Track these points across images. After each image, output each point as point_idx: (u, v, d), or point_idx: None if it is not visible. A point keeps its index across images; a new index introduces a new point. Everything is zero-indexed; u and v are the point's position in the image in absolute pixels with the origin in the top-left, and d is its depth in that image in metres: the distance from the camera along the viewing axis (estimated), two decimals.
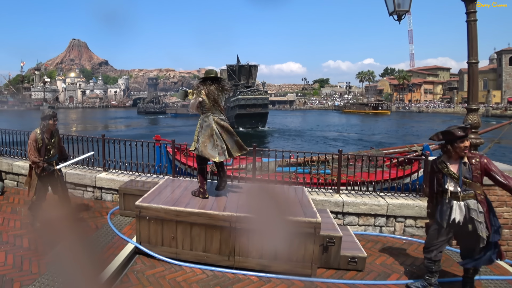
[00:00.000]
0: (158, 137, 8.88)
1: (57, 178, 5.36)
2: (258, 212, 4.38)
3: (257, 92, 50.69)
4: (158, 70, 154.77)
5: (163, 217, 4.45)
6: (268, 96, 54.26)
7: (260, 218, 4.27)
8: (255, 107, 49.52)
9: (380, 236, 5.66)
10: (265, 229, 4.24)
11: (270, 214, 4.37)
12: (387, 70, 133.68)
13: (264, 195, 5.24)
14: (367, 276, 4.36)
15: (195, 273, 4.24)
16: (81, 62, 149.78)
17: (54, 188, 5.38)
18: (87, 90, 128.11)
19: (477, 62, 5.39)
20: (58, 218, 5.43)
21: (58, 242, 4.74)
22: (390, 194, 6.08)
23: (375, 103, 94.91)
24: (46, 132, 5.19)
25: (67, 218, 5.48)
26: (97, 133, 7.72)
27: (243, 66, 54.02)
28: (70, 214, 5.56)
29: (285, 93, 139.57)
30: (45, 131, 5.18)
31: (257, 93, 50.68)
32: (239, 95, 49.07)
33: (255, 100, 49.36)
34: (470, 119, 5.41)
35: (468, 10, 5.24)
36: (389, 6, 5.95)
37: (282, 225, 4.25)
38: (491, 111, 74.22)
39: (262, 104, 50.41)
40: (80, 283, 3.84)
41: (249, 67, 54.46)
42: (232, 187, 5.57)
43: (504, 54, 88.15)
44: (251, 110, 48.81)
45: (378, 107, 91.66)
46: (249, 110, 48.62)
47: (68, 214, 5.52)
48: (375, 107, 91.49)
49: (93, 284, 3.87)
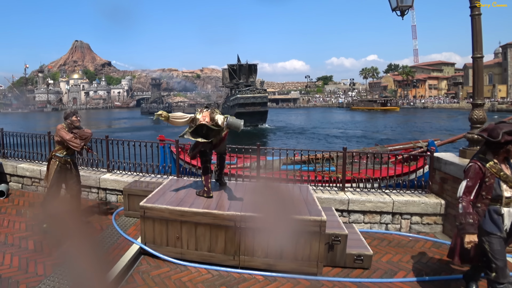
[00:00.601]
0: (162, 137, 8.89)
1: (73, 177, 5.45)
2: (263, 211, 4.36)
3: (256, 91, 50.80)
4: (161, 70, 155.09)
5: (167, 218, 4.44)
6: (267, 95, 54.45)
7: (265, 217, 4.25)
8: (254, 105, 49.81)
9: (386, 233, 5.62)
10: (270, 228, 4.22)
11: (275, 213, 4.34)
12: (391, 66, 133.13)
13: (269, 194, 5.21)
14: (374, 274, 4.32)
15: (201, 273, 4.22)
16: (84, 63, 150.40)
17: (68, 186, 5.48)
18: (91, 91, 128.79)
19: (482, 56, 5.33)
20: (64, 219, 5.45)
21: (63, 243, 4.75)
22: (396, 191, 6.03)
23: (383, 99, 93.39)
24: (72, 129, 5.28)
25: (73, 219, 5.50)
26: (101, 134, 7.72)
27: (242, 65, 54.99)
28: (76, 215, 5.57)
29: (288, 91, 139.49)
30: (71, 128, 5.26)
31: (256, 91, 50.78)
32: (238, 94, 49.28)
33: (254, 98, 49.49)
34: (475, 114, 5.35)
35: (472, 4, 5.18)
36: (391, 1, 5.91)
37: (287, 223, 4.23)
38: (497, 105, 73.70)
39: (261, 103, 50.74)
40: (86, 284, 3.85)
41: (248, 66, 55.44)
42: (237, 186, 5.55)
43: (509, 48, 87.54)
44: (250, 108, 49.08)
45: (386, 103, 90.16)
46: (248, 109, 48.88)
47: (74, 216, 5.54)
48: (383, 103, 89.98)
49: (99, 285, 3.87)
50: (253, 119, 48.02)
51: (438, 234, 5.56)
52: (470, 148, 5.40)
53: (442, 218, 5.61)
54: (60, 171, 5.34)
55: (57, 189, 5.41)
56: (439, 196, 5.73)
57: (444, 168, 5.57)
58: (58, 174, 5.33)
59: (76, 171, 5.55)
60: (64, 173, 5.38)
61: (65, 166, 5.36)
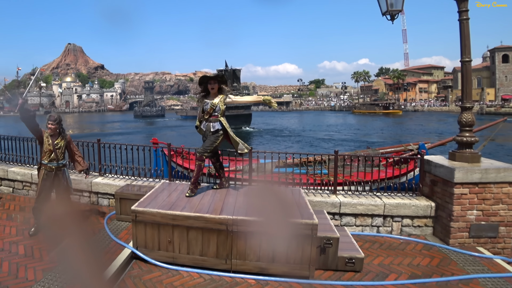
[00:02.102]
0: (156, 140, 8.86)
1: (62, 184, 5.36)
2: (255, 214, 4.37)
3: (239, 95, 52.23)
4: (154, 74, 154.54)
5: (159, 221, 4.43)
6: None
7: (257, 220, 4.26)
8: (238, 108, 51.92)
9: (378, 236, 5.66)
10: (262, 231, 4.23)
11: (267, 217, 4.35)
12: (382, 69, 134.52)
13: (261, 197, 5.22)
14: (365, 277, 4.35)
15: (192, 277, 4.22)
16: (77, 66, 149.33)
17: (57, 193, 5.41)
18: (83, 94, 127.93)
19: (470, 60, 5.41)
20: (55, 224, 5.40)
21: (54, 248, 4.71)
22: (387, 194, 6.08)
23: (385, 102, 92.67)
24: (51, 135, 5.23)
25: (64, 224, 5.45)
26: (93, 137, 7.67)
27: (227, 70, 57.42)
28: (66, 220, 5.52)
29: (281, 94, 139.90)
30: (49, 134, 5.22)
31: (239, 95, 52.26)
32: None
33: None
34: (464, 117, 5.42)
35: (460, 9, 5.26)
36: (382, 6, 5.96)
37: (279, 227, 4.25)
38: (485, 108, 74.71)
39: (244, 106, 52.89)
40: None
41: (233, 71, 58.34)
42: (229, 190, 5.56)
43: (497, 52, 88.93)
44: (233, 111, 50.91)
45: (389, 106, 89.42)
46: (232, 112, 50.50)
47: (65, 220, 5.49)
48: (385, 107, 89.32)
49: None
50: (238, 122, 50.24)
51: (428, 236, 5.61)
52: (460, 151, 5.47)
53: (433, 220, 5.66)
54: (46, 178, 5.25)
55: (46, 196, 5.31)
56: (430, 199, 5.78)
57: (434, 171, 5.63)
58: (44, 180, 5.24)
59: (65, 179, 5.44)
60: (52, 179, 5.28)
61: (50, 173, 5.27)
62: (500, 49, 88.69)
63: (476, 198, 5.10)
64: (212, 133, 5.10)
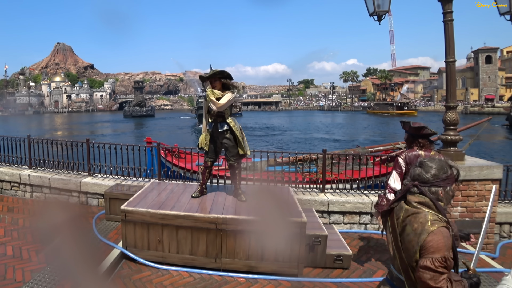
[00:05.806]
0: (150, 139, 8.85)
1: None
2: (244, 213, 4.41)
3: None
4: (144, 73, 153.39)
5: (148, 221, 4.44)
6: None
7: (246, 219, 4.30)
8: None
9: (365, 233, 5.74)
10: (252, 230, 4.27)
11: (256, 215, 4.39)
12: (369, 70, 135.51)
13: (251, 196, 5.26)
14: (353, 273, 4.42)
15: (182, 276, 4.24)
16: (66, 66, 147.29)
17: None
18: (73, 94, 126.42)
19: (454, 60, 5.51)
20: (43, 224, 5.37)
21: (43, 248, 4.69)
22: (374, 192, 6.17)
23: (400, 102, 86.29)
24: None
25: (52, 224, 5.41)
26: (82, 137, 7.63)
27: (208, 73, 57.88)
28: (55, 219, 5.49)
29: (270, 94, 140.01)
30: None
31: None
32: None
33: None
34: (449, 116, 5.52)
35: (444, 10, 5.36)
36: (369, 7, 6.04)
37: (268, 226, 4.29)
38: (469, 108, 76.10)
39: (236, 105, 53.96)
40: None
41: None
42: (219, 189, 5.58)
43: (480, 53, 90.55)
44: None
45: (403, 107, 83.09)
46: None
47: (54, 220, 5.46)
48: (400, 107, 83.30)
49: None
50: None
51: None
52: (444, 149, 5.57)
53: None
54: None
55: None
56: None
57: None
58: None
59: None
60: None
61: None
62: (484, 50, 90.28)
63: (461, 195, 5.21)
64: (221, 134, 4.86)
